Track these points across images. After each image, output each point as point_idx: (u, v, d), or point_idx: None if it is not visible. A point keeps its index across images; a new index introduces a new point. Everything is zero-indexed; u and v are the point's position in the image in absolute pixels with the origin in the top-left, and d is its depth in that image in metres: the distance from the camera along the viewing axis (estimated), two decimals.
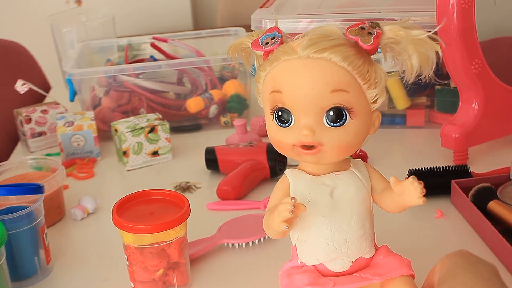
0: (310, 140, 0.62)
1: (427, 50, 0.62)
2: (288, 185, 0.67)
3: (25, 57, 1.71)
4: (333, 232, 0.66)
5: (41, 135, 1.29)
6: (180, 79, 1.38)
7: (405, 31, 0.62)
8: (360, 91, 0.62)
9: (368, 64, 0.62)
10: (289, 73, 0.62)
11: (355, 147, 0.65)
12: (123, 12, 2.11)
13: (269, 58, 0.65)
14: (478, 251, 0.86)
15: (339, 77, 0.61)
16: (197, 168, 1.15)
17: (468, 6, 0.98)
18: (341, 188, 0.67)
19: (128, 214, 0.79)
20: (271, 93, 0.64)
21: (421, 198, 0.62)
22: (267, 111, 0.66)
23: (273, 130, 0.66)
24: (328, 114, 0.62)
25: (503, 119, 1.09)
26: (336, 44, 0.61)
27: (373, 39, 0.62)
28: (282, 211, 0.61)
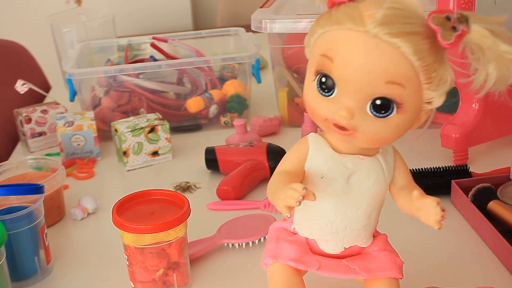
0: (345, 122, 0.56)
1: (509, 70, 0.55)
2: (307, 153, 0.62)
3: (25, 57, 1.71)
4: (336, 216, 0.63)
5: (41, 135, 1.29)
6: (180, 79, 1.38)
7: (493, 40, 0.54)
8: (418, 89, 0.56)
9: (438, 63, 0.56)
10: (348, 45, 0.55)
11: (391, 141, 0.60)
12: (123, 12, 2.11)
13: (332, 15, 0.57)
14: (478, 251, 0.86)
15: (401, 70, 0.54)
16: (197, 168, 1.15)
17: (468, 6, 0.98)
18: (360, 176, 0.62)
19: (128, 214, 0.79)
20: (321, 55, 0.57)
21: (438, 223, 0.58)
22: (310, 71, 0.59)
23: (310, 93, 0.59)
24: (374, 102, 0.56)
25: (503, 119, 1.09)
26: (411, 31, 0.54)
27: (454, 37, 0.54)
28: (289, 197, 0.56)
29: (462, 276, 0.81)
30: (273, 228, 0.69)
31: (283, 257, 0.64)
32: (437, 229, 0.58)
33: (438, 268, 0.83)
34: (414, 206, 0.60)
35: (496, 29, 0.54)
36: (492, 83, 0.55)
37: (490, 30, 0.54)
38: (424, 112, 0.59)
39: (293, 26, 1.20)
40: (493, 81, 0.55)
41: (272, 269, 0.65)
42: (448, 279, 0.80)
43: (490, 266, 0.82)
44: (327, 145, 0.62)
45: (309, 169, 0.62)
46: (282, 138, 1.27)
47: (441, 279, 0.80)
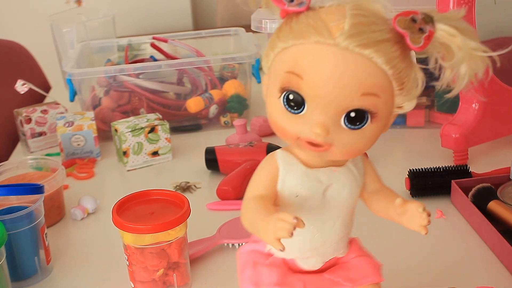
0: (321, 140, 0.54)
1: (479, 67, 0.53)
2: (277, 173, 0.59)
3: (25, 57, 1.71)
4: (314, 233, 0.60)
5: (41, 135, 1.29)
6: (180, 79, 1.38)
7: (462, 39, 0.52)
8: (391, 96, 0.54)
9: (409, 68, 0.54)
10: (318, 60, 0.52)
11: (365, 150, 0.58)
12: (123, 12, 2.11)
13: (293, 28, 0.53)
14: (478, 251, 0.86)
15: (376, 80, 0.52)
16: (197, 168, 1.15)
17: (468, 6, 0.98)
18: (335, 188, 0.60)
19: (128, 214, 0.79)
20: (287, 72, 0.54)
21: (424, 228, 0.56)
22: (274, 87, 0.55)
23: (276, 111, 0.56)
24: (348, 114, 0.53)
25: (503, 119, 1.09)
26: (382, 38, 0.52)
27: (423, 40, 0.52)
28: (279, 230, 0.52)
29: (462, 276, 0.81)
30: (244, 253, 0.65)
31: (266, 283, 0.62)
32: (424, 234, 0.56)
33: (438, 268, 0.83)
34: (395, 212, 0.58)
35: (460, 25, 0.53)
36: (465, 81, 0.54)
37: (455, 27, 0.52)
38: (392, 116, 0.58)
39: None
40: (466, 80, 0.54)
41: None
42: (448, 279, 0.80)
43: (490, 266, 0.83)
44: (297, 161, 0.59)
45: (282, 190, 0.59)
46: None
47: (441, 279, 0.80)
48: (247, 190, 0.60)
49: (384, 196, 0.62)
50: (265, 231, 0.53)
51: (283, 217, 0.52)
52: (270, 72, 0.57)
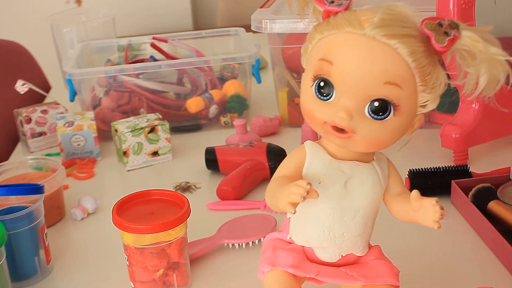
0: (345, 124, 0.57)
1: (499, 73, 0.57)
2: (304, 159, 0.63)
3: (25, 57, 1.71)
4: (334, 222, 0.63)
5: (41, 135, 1.29)
6: (180, 79, 1.38)
7: (484, 45, 0.56)
8: (414, 91, 0.58)
9: (432, 66, 0.57)
10: (347, 47, 0.57)
11: (388, 144, 0.60)
12: (123, 12, 2.11)
13: (330, 21, 0.59)
14: (478, 251, 0.86)
15: (399, 71, 0.56)
16: (197, 168, 1.15)
17: (468, 6, 0.98)
18: (357, 181, 0.63)
19: (128, 214, 0.79)
20: (319, 60, 0.59)
21: (437, 222, 0.58)
22: (308, 77, 0.61)
23: (308, 99, 0.60)
24: (372, 103, 0.57)
25: (503, 119, 1.09)
26: (407, 33, 0.56)
27: (447, 41, 0.56)
28: (293, 193, 0.56)
29: (462, 276, 0.81)
30: (267, 240, 0.69)
31: (281, 264, 0.64)
32: (437, 228, 0.58)
33: (438, 268, 0.83)
34: (411, 208, 0.60)
35: (485, 35, 0.57)
36: (483, 86, 0.57)
37: (480, 35, 0.57)
38: (417, 118, 0.61)
39: (293, 26, 1.20)
40: (484, 83, 0.57)
41: (269, 276, 0.65)
42: (448, 279, 0.80)
43: (490, 266, 0.83)
44: (324, 151, 0.63)
45: (306, 175, 0.63)
46: (282, 138, 1.27)
47: (441, 279, 0.81)
48: (276, 172, 0.65)
49: (404, 198, 0.63)
50: (281, 195, 0.58)
51: (298, 183, 0.56)
52: (307, 64, 0.62)
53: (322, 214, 0.63)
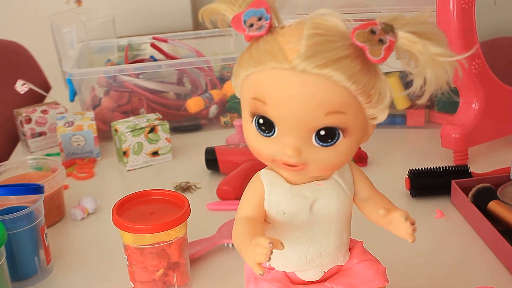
0: (294, 161, 0.55)
1: (447, 71, 0.52)
2: (263, 192, 0.60)
3: (25, 57, 1.71)
4: (308, 246, 0.61)
5: (41, 135, 1.29)
6: (180, 79, 1.38)
7: (422, 44, 0.51)
8: (360, 110, 0.54)
9: (373, 79, 0.53)
10: (277, 86, 0.52)
11: (344, 164, 0.59)
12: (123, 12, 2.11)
13: (253, 54, 0.54)
14: (478, 251, 0.86)
15: (338, 99, 0.52)
16: (197, 168, 1.15)
17: (468, 6, 0.98)
18: (322, 202, 0.60)
19: (128, 214, 0.79)
20: (252, 99, 0.55)
21: (411, 236, 0.55)
22: (246, 112, 0.57)
23: (251, 135, 0.57)
24: (318, 133, 0.54)
25: (503, 119, 1.09)
26: (339, 56, 0.51)
27: (384, 51, 0.51)
28: (257, 254, 0.53)
29: (462, 276, 0.81)
30: (248, 268, 0.66)
31: None
32: (411, 242, 0.56)
33: (438, 268, 0.83)
34: (383, 221, 0.59)
35: (423, 29, 0.51)
36: (432, 87, 0.52)
37: (416, 33, 0.51)
38: (370, 126, 0.57)
39: None
40: (433, 85, 0.52)
41: None
42: (448, 279, 0.80)
43: (490, 266, 0.82)
44: (281, 179, 0.60)
45: (269, 208, 0.60)
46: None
47: (442, 279, 0.81)
48: (237, 211, 0.62)
49: (375, 203, 0.61)
50: (247, 255, 0.55)
51: (260, 242, 0.53)
52: (241, 99, 0.58)
53: (295, 242, 0.61)
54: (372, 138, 0.68)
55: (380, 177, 1.08)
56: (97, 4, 2.09)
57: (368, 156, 1.13)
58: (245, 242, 0.56)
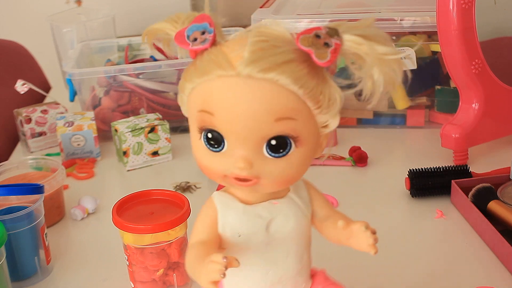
0: (246, 174, 0.52)
1: (394, 72, 0.51)
2: (216, 215, 0.57)
3: (25, 57, 1.71)
4: (267, 271, 0.58)
5: (41, 135, 1.29)
6: (180, 79, 1.38)
7: (368, 45, 0.51)
8: (310, 117, 0.52)
9: (321, 84, 0.52)
10: (223, 94, 0.51)
11: (298, 177, 0.56)
12: (123, 12, 2.11)
13: (198, 66, 0.53)
14: (478, 251, 0.86)
15: (287, 104, 0.50)
16: (197, 168, 1.12)
17: (468, 6, 0.98)
18: (279, 221, 0.57)
19: (128, 214, 0.79)
20: (199, 112, 0.53)
21: (373, 247, 0.53)
22: (193, 127, 0.55)
23: (200, 152, 0.55)
24: (269, 143, 0.52)
25: (503, 119, 1.09)
26: (285, 60, 0.50)
27: (330, 54, 0.50)
28: (210, 272, 0.50)
29: (462, 276, 0.81)
30: None
31: None
32: (374, 253, 0.53)
33: (438, 268, 0.83)
34: (343, 235, 0.56)
35: (368, 32, 0.51)
36: (381, 88, 0.52)
37: (362, 35, 0.51)
38: (323, 137, 0.56)
39: (293, 26, 1.20)
40: (381, 85, 0.51)
41: None
42: (448, 279, 0.80)
43: (490, 266, 0.83)
44: (235, 200, 0.58)
45: (223, 231, 0.57)
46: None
47: (442, 279, 0.81)
48: (190, 237, 0.59)
49: (334, 222, 0.58)
50: (200, 275, 0.52)
51: (213, 258, 0.50)
52: (188, 113, 0.57)
53: (253, 266, 0.58)
54: (372, 138, 0.68)
55: (380, 177, 1.08)
56: (97, 4, 2.09)
57: (368, 156, 1.13)
58: (198, 264, 0.53)
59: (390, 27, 1.19)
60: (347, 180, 1.09)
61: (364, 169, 1.12)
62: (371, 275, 0.81)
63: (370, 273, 0.82)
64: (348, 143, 1.17)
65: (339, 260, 0.77)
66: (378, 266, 0.81)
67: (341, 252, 0.72)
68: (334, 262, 0.69)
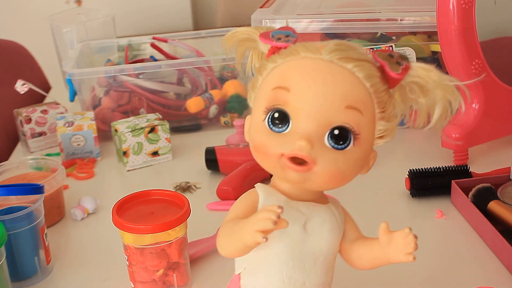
0: (305, 153, 0.53)
1: (454, 100, 0.55)
2: (257, 200, 0.58)
3: (25, 57, 1.71)
4: (294, 269, 0.57)
5: (41, 135, 1.29)
6: (180, 79, 1.38)
7: (437, 73, 0.55)
8: (373, 119, 0.55)
9: (388, 94, 0.56)
10: (305, 71, 0.54)
11: (347, 180, 0.57)
12: (123, 12, 2.11)
13: (283, 51, 0.56)
14: (478, 251, 0.86)
15: (359, 94, 0.54)
16: (197, 168, 1.15)
17: (468, 6, 0.98)
18: (317, 221, 0.58)
19: (128, 214, 0.79)
20: (274, 89, 0.55)
21: (410, 255, 0.55)
22: (260, 110, 0.56)
23: (260, 132, 0.56)
24: (332, 132, 0.54)
25: (503, 119, 1.09)
26: (363, 58, 0.55)
27: (401, 70, 0.55)
28: (262, 219, 0.50)
29: (462, 276, 0.81)
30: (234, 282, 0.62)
31: None
32: (411, 261, 0.55)
33: (439, 268, 0.83)
34: (379, 244, 0.57)
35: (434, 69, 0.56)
36: (438, 115, 0.56)
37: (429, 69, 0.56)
38: (372, 155, 0.59)
39: (293, 26, 1.19)
40: (440, 112, 0.56)
41: None
42: (448, 279, 0.80)
43: (490, 266, 0.83)
44: (277, 192, 0.59)
45: None
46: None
47: (442, 279, 0.81)
48: (226, 217, 0.59)
49: (365, 241, 0.60)
50: (246, 228, 0.52)
51: (266, 207, 0.51)
52: (256, 99, 0.58)
53: (281, 259, 0.57)
54: None
55: (380, 177, 1.08)
56: (97, 4, 2.09)
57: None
58: (239, 225, 0.54)
59: (390, 27, 1.19)
60: None
61: None
62: (371, 275, 0.81)
63: (370, 273, 0.81)
64: None
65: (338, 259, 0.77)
66: None
67: None
68: None
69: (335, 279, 0.63)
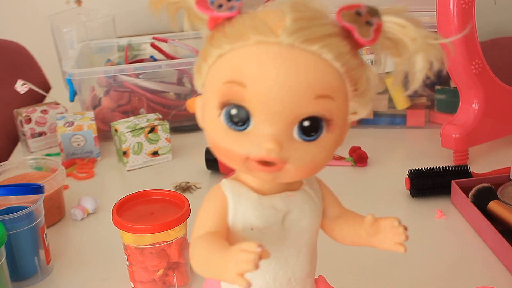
0: (274, 156, 0.46)
1: (435, 56, 0.48)
2: (226, 205, 0.51)
3: (25, 57, 1.71)
4: (277, 270, 0.53)
5: (41, 135, 1.29)
6: (180, 79, 1.38)
7: (414, 28, 0.47)
8: (346, 99, 0.48)
9: (361, 67, 0.48)
10: (263, 62, 0.45)
11: (322, 166, 0.50)
12: (123, 12, 2.11)
13: (227, 31, 0.46)
14: (478, 251, 0.86)
15: (329, 80, 0.46)
16: (197, 168, 1.15)
17: (468, 6, 0.98)
18: (294, 215, 0.53)
19: (128, 214, 0.79)
20: (226, 83, 0.46)
21: (401, 245, 0.51)
22: (212, 103, 0.48)
23: (217, 131, 0.48)
24: (301, 124, 0.46)
25: (503, 119, 1.09)
26: (328, 33, 0.45)
27: (373, 32, 0.46)
28: (242, 262, 0.43)
29: (462, 276, 0.81)
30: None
31: None
32: (403, 251, 0.51)
33: (438, 268, 0.83)
34: (366, 232, 0.53)
35: (407, 17, 0.47)
36: (423, 75, 0.48)
37: (404, 19, 0.47)
38: (347, 126, 0.51)
39: None
40: (421, 71, 0.48)
41: None
42: (448, 279, 0.80)
43: (490, 266, 0.83)
44: (247, 189, 0.52)
45: (234, 224, 0.51)
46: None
47: (442, 279, 0.81)
48: (194, 231, 0.52)
49: (348, 219, 0.56)
50: (225, 267, 0.45)
51: (245, 247, 0.44)
52: (205, 89, 0.50)
53: (263, 262, 0.47)
54: (372, 138, 0.68)
55: (380, 177, 1.08)
56: (97, 4, 2.09)
57: (368, 156, 1.13)
58: (216, 256, 0.47)
59: None
60: (347, 180, 1.09)
61: (364, 169, 1.12)
62: (370, 275, 0.81)
63: (369, 273, 0.82)
64: (348, 143, 1.17)
65: (338, 259, 0.77)
66: (378, 266, 0.82)
67: (340, 252, 0.72)
68: (333, 262, 0.69)
69: (336, 279, 0.63)
